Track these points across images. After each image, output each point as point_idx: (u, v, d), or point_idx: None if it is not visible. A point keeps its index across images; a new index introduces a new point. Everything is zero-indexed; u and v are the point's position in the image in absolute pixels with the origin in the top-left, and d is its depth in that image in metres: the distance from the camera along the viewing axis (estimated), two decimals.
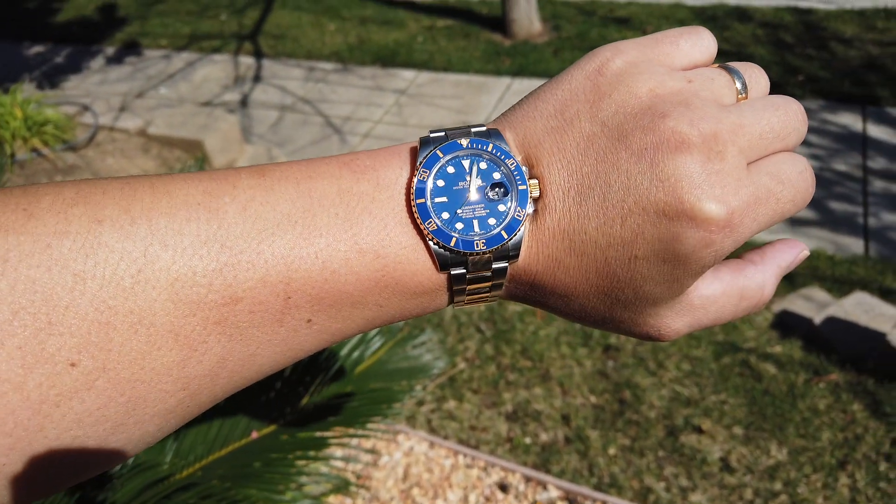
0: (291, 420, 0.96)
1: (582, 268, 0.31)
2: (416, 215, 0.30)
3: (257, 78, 4.80)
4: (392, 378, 1.08)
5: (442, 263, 0.31)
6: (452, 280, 0.32)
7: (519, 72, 4.43)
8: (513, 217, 0.31)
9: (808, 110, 3.69)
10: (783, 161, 0.32)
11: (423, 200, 0.31)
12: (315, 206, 0.29)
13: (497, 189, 0.32)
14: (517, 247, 0.31)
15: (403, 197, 0.31)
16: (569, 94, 0.32)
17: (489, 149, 0.32)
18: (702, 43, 0.34)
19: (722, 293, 0.34)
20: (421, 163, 0.32)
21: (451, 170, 0.32)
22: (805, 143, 3.47)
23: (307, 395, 1.00)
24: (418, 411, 2.09)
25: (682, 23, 4.75)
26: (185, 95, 4.65)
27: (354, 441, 1.88)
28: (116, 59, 5.26)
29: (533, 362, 2.26)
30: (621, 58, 0.32)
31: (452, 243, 0.31)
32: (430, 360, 1.17)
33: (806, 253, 0.37)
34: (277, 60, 5.03)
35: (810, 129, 3.55)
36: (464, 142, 0.33)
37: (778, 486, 1.80)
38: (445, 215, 0.31)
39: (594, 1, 5.28)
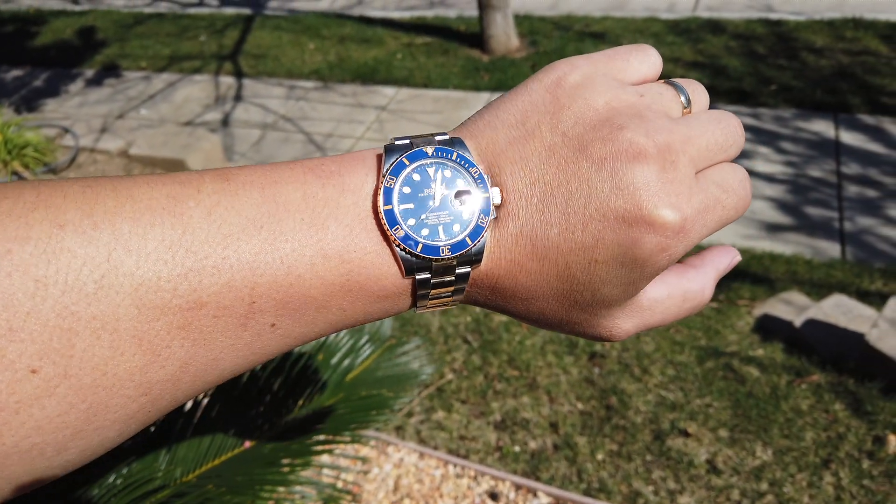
0: (284, 429, 0.97)
1: (543, 272, 0.33)
2: (383, 221, 0.31)
3: (238, 97, 4.82)
4: (382, 385, 1.09)
5: (408, 269, 0.31)
6: (417, 284, 0.32)
7: (498, 87, 4.48)
8: (476, 224, 0.32)
9: (781, 119, 3.77)
10: (726, 171, 0.35)
11: (390, 207, 0.31)
12: (280, 210, 0.29)
13: (461, 196, 0.33)
14: (480, 252, 0.32)
15: (369, 203, 0.31)
16: (529, 105, 0.34)
17: (453, 157, 0.33)
18: (649, 59, 0.36)
19: (668, 295, 0.36)
20: (388, 170, 0.32)
21: (416, 177, 0.33)
22: (780, 150, 3.54)
23: (299, 405, 1.01)
24: (407, 422, 2.09)
25: (656, 36, 4.83)
26: (167, 116, 4.65)
27: (345, 451, 1.88)
28: (96, 82, 5.26)
29: (520, 371, 2.27)
30: (578, 72, 0.34)
31: (419, 249, 0.31)
32: (418, 367, 1.19)
33: (738, 258, 0.40)
34: (258, 80, 5.05)
35: (786, 137, 3.63)
36: (429, 150, 0.33)
37: (764, 486, 1.83)
38: (412, 221, 0.32)
39: (570, 16, 5.36)
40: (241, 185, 0.30)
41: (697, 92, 0.37)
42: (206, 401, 0.95)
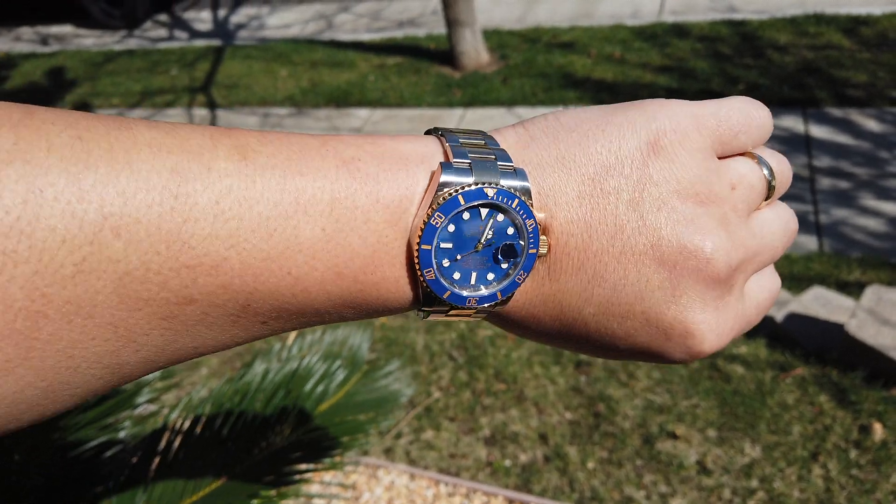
0: (259, 461, 0.96)
1: (556, 331, 0.31)
2: (416, 261, 0.28)
3: None
4: (360, 410, 1.09)
5: (425, 306, 0.29)
6: (428, 312, 0.30)
7: (471, 102, 4.51)
8: (513, 280, 0.30)
9: None
10: (766, 287, 0.34)
11: (428, 248, 0.28)
12: (300, 214, 0.26)
13: (506, 250, 0.30)
14: (506, 302, 0.31)
15: (404, 232, 0.28)
16: (615, 160, 0.30)
17: (514, 205, 0.29)
18: (762, 133, 0.34)
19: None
20: (439, 205, 0.28)
21: (466, 216, 0.29)
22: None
23: (274, 436, 1.00)
24: (397, 444, 2.08)
25: (623, 43, 4.89)
26: None
27: (335, 479, 1.87)
28: None
29: (507, 385, 2.27)
30: (677, 134, 0.31)
31: (445, 296, 0.29)
32: (398, 388, 1.18)
33: None
34: (231, 110, 5.06)
35: None
36: (490, 192, 0.29)
37: (754, 483, 1.83)
38: (446, 262, 0.29)
39: (538, 28, 5.42)
40: (261, 169, 0.26)
41: (782, 165, 0.34)
42: (179, 438, 0.95)
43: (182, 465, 0.95)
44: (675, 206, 0.30)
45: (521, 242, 0.29)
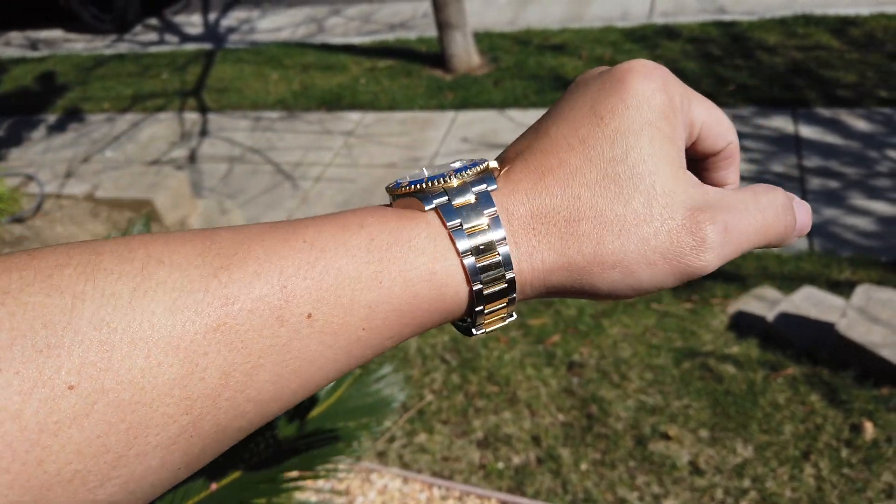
0: (250, 468, 0.96)
1: (565, 162, 0.34)
2: (393, 185, 0.35)
3: (204, 132, 4.80)
4: (352, 415, 1.09)
5: (422, 197, 0.33)
6: (442, 217, 0.33)
7: (462, 105, 4.51)
8: (475, 160, 0.35)
9: (741, 117, 3.83)
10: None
11: (402, 179, 0.35)
12: (307, 221, 0.32)
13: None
14: (485, 171, 0.34)
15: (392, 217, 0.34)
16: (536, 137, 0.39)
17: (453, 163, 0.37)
18: None
19: (733, 190, 0.37)
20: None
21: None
22: (742, 148, 3.58)
23: (265, 442, 1.00)
24: (390, 447, 2.08)
25: (614, 45, 4.90)
26: (132, 156, 4.62)
27: (328, 485, 1.86)
28: (59, 127, 5.22)
29: (500, 387, 2.27)
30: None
31: (425, 179, 0.34)
32: (391, 392, 1.19)
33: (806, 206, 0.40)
34: (223, 113, 5.05)
35: (746, 136, 3.69)
36: (427, 172, 0.36)
37: (746, 482, 1.84)
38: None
39: (529, 30, 5.43)
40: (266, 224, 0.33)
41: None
42: None
43: None
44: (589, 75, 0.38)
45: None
